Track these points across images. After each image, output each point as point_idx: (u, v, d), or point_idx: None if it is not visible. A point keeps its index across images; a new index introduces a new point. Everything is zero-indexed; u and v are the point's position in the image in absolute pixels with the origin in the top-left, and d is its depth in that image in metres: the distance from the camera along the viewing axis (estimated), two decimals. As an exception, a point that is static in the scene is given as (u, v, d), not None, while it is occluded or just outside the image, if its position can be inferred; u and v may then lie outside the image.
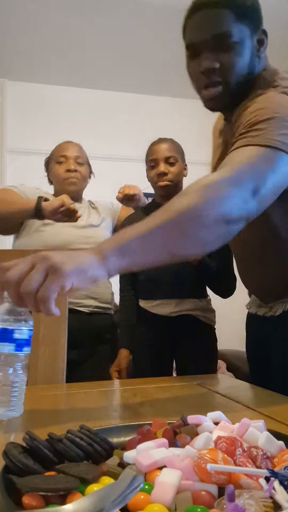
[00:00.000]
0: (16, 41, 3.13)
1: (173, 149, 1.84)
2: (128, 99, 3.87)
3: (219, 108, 1.12)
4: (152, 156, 1.82)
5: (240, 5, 0.96)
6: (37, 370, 1.01)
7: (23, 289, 0.62)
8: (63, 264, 0.64)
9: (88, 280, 0.68)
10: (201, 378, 1.10)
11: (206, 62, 0.99)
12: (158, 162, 1.79)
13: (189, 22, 1.07)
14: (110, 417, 0.69)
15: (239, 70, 0.99)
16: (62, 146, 1.97)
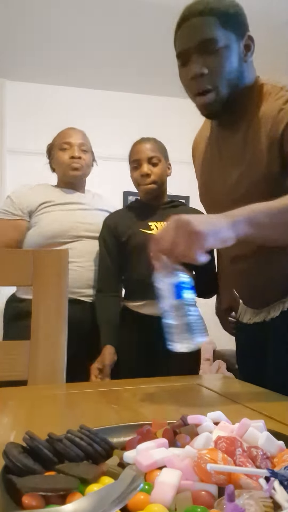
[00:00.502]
0: (16, 41, 3.13)
1: (156, 149, 1.81)
2: (128, 99, 3.87)
3: (215, 115, 1.12)
4: (135, 157, 1.79)
5: (224, 12, 1.02)
6: (37, 370, 1.01)
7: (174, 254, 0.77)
8: (200, 226, 0.75)
9: (219, 240, 0.78)
10: (201, 378, 1.10)
11: (194, 67, 1.02)
12: (141, 162, 1.76)
13: (178, 32, 1.09)
14: (110, 417, 0.69)
15: (228, 75, 1.02)
16: (65, 132, 1.89)
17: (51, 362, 1.03)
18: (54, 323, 1.05)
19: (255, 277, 1.21)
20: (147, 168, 1.74)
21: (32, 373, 1.01)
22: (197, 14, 1.04)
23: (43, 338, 1.03)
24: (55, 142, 1.88)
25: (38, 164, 3.89)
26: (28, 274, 1.06)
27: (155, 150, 1.80)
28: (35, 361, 1.02)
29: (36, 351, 1.02)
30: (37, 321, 1.04)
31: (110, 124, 3.83)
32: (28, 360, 1.02)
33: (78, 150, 1.82)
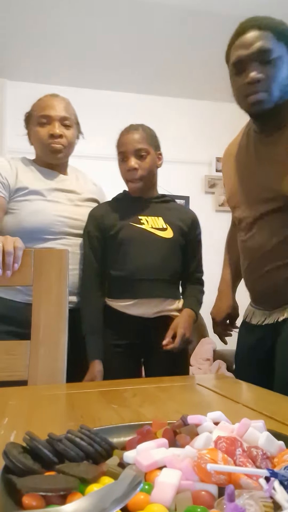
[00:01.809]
0: (16, 41, 3.13)
1: (144, 140, 1.63)
2: (128, 99, 3.87)
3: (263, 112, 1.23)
4: (121, 149, 1.63)
5: (277, 28, 1.20)
6: (37, 370, 1.01)
7: None
8: None
9: None
10: (201, 378, 1.10)
11: (253, 73, 1.16)
12: (127, 155, 1.61)
13: (236, 42, 1.24)
14: (110, 417, 0.69)
15: (280, 81, 1.16)
16: (45, 102, 1.57)
17: (51, 362, 1.03)
18: (54, 323, 1.05)
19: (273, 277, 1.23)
20: (134, 162, 1.59)
21: (32, 373, 1.01)
22: (255, 28, 1.21)
23: (43, 338, 1.03)
24: (33, 112, 1.59)
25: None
26: (28, 274, 1.06)
27: (142, 141, 1.62)
28: (35, 361, 1.02)
29: (36, 351, 1.02)
30: (37, 321, 1.04)
31: (110, 124, 3.83)
32: (28, 360, 1.02)
33: (59, 126, 1.55)
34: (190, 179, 3.96)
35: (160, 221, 1.64)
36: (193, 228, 1.74)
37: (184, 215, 1.73)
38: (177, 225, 1.67)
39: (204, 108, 3.99)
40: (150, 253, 1.58)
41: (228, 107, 4.06)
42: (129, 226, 1.61)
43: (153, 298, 1.59)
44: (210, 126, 3.99)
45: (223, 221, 4.26)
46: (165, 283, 1.62)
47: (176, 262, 1.66)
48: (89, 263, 1.62)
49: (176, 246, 1.65)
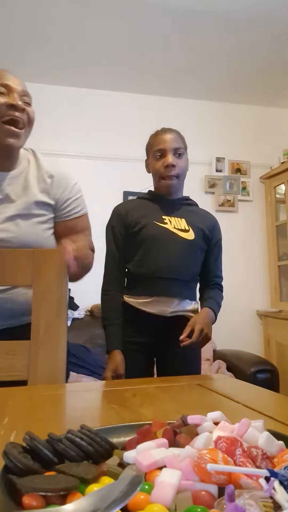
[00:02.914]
0: (16, 41, 3.13)
1: (180, 141, 1.70)
2: (128, 99, 3.87)
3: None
4: (159, 146, 1.66)
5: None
6: (37, 370, 1.01)
7: None
8: None
9: None
10: (201, 378, 1.10)
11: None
12: (165, 153, 1.65)
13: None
14: (110, 417, 0.69)
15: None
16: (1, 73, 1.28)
17: (51, 362, 1.03)
18: (54, 323, 1.05)
19: None
20: (173, 159, 1.64)
21: (32, 373, 1.01)
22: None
23: (43, 338, 1.03)
24: None
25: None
26: (28, 274, 1.06)
27: (180, 142, 1.68)
28: (35, 361, 1.02)
29: (36, 351, 1.02)
30: (37, 321, 1.04)
31: (110, 124, 3.83)
32: (28, 360, 1.02)
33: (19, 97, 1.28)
34: (190, 179, 3.93)
35: (183, 222, 1.68)
36: (214, 233, 1.76)
37: (206, 219, 1.77)
38: (199, 227, 1.70)
39: (204, 108, 3.99)
40: (170, 252, 1.60)
41: (228, 107, 4.07)
42: (153, 224, 1.64)
43: (170, 297, 1.61)
44: (210, 126, 3.98)
45: (223, 221, 4.26)
46: (183, 284, 1.64)
47: (196, 263, 1.68)
48: (112, 257, 1.67)
49: (196, 248, 1.67)
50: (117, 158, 3.80)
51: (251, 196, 3.99)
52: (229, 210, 3.95)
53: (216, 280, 1.78)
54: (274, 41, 3.10)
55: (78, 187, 1.36)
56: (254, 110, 4.09)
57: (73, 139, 3.73)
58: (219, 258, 1.79)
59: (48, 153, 3.85)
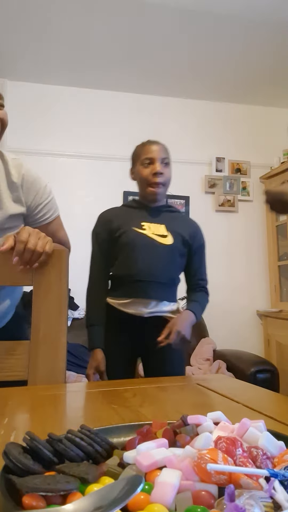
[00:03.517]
0: (16, 41, 3.13)
1: (166, 152, 1.81)
2: (128, 99, 3.87)
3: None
4: (148, 155, 1.76)
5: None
6: (37, 370, 1.01)
7: None
8: None
9: None
10: (201, 378, 1.10)
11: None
12: (154, 161, 1.75)
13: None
14: (110, 417, 0.69)
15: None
16: None
17: (51, 362, 1.03)
18: (54, 323, 1.05)
19: None
20: (161, 167, 1.74)
21: (32, 373, 1.01)
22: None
23: (43, 338, 1.03)
24: None
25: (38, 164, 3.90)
26: (28, 274, 1.06)
27: (166, 153, 1.80)
28: (35, 361, 1.02)
29: (36, 351, 1.02)
30: (37, 321, 1.04)
31: (110, 124, 3.83)
32: (28, 360, 1.02)
33: None
34: (190, 179, 3.95)
35: (162, 228, 1.76)
36: (196, 239, 1.84)
37: (187, 225, 1.85)
38: (179, 233, 1.77)
39: (204, 108, 3.99)
40: (148, 257, 1.70)
41: (228, 107, 4.07)
42: (131, 231, 1.73)
43: (147, 299, 1.70)
44: (210, 126, 3.98)
45: (223, 221, 4.27)
46: (160, 286, 1.73)
47: (174, 267, 1.77)
48: (96, 261, 1.79)
49: (174, 253, 1.75)
50: (117, 158, 3.80)
51: (251, 196, 3.99)
52: (229, 210, 3.95)
53: (200, 283, 1.86)
54: (274, 41, 3.10)
55: (49, 189, 1.31)
56: (254, 110, 4.09)
57: (73, 139, 3.73)
58: (203, 262, 1.88)
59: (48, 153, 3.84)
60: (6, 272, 1.06)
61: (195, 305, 1.78)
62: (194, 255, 1.83)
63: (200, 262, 1.86)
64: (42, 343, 1.03)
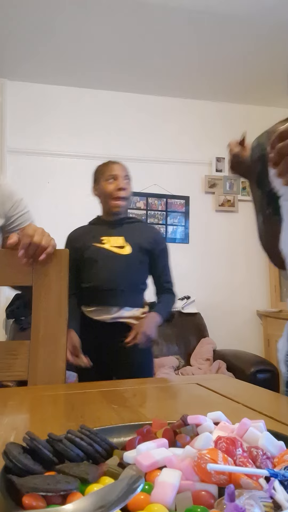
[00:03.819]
0: (16, 41, 3.13)
1: (127, 170, 2.01)
2: (128, 99, 3.87)
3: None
4: (112, 172, 1.97)
5: None
6: (37, 370, 1.01)
7: None
8: None
9: None
10: (201, 378, 1.10)
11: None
12: (118, 178, 1.95)
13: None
14: (110, 417, 0.69)
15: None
16: None
17: (51, 362, 1.03)
18: (54, 323, 1.05)
19: None
20: (124, 183, 1.94)
21: (32, 373, 1.01)
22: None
23: (43, 338, 1.03)
24: None
25: (38, 164, 3.91)
26: (28, 274, 1.06)
27: (127, 171, 2.01)
28: (35, 361, 1.02)
29: (36, 351, 1.02)
30: (37, 321, 1.04)
31: (110, 124, 3.83)
32: (28, 360, 1.02)
33: None
34: (190, 179, 3.95)
35: (120, 240, 1.94)
36: (155, 245, 2.00)
37: (146, 233, 2.01)
38: (137, 243, 1.94)
39: (204, 108, 3.99)
40: (107, 268, 1.88)
41: (228, 107, 4.07)
42: (92, 247, 1.93)
43: (109, 306, 1.88)
44: (210, 126, 3.98)
45: (223, 221, 4.27)
46: (121, 293, 1.90)
47: (133, 274, 1.93)
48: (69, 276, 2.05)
49: (133, 261, 1.91)
50: (117, 158, 3.80)
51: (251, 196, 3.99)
52: (229, 210, 3.95)
53: (165, 285, 2.01)
54: (275, 41, 3.10)
55: (24, 203, 1.36)
56: (254, 110, 4.09)
57: (73, 139, 3.73)
58: (167, 265, 2.03)
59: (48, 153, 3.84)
60: (6, 272, 1.06)
61: (160, 307, 1.94)
62: (157, 260, 1.98)
63: (164, 266, 2.02)
64: (42, 343, 1.03)
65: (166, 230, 3.87)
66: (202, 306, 3.70)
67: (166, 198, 3.89)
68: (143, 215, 3.84)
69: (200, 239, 3.86)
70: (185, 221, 3.90)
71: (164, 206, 3.89)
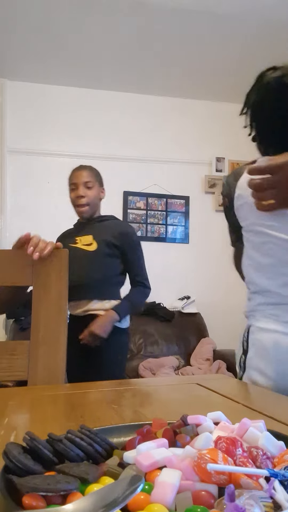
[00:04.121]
0: (16, 41, 3.13)
1: (91, 176, 2.12)
2: (128, 99, 3.87)
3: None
4: (73, 181, 2.11)
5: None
6: (37, 370, 1.01)
7: None
8: None
9: None
10: (201, 378, 1.10)
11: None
12: (77, 186, 2.08)
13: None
14: (110, 417, 0.69)
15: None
16: None
17: (51, 362, 1.03)
18: (54, 323, 1.05)
19: None
20: (83, 191, 2.07)
21: (32, 373, 1.01)
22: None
23: (43, 338, 1.03)
24: None
25: (38, 164, 3.91)
26: (28, 274, 1.06)
27: (90, 177, 2.12)
28: (35, 361, 1.02)
29: (36, 351, 1.02)
30: (37, 321, 1.04)
31: (110, 124, 3.83)
32: (28, 360, 1.02)
33: None
34: (190, 179, 3.95)
35: (89, 238, 2.08)
36: (123, 239, 2.09)
37: (114, 229, 2.12)
38: (103, 239, 2.06)
39: (204, 108, 3.99)
40: (78, 265, 1.92)
41: (228, 107, 4.07)
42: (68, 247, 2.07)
43: (78, 300, 2.02)
44: (210, 126, 3.98)
45: (223, 221, 4.26)
46: (91, 287, 2.01)
47: (100, 269, 2.03)
48: None
49: (99, 256, 2.03)
50: (117, 158, 3.80)
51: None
52: (229, 210, 3.95)
53: (136, 278, 2.12)
54: (274, 41, 3.09)
55: None
56: (254, 110, 4.09)
57: (73, 139, 3.73)
58: (137, 259, 2.12)
59: (48, 153, 3.84)
60: (6, 272, 1.06)
61: (120, 304, 2.03)
62: (127, 255, 2.08)
63: (133, 259, 2.11)
64: (42, 343, 1.03)
65: (166, 230, 3.88)
66: (202, 306, 3.70)
67: (166, 198, 3.89)
68: (143, 215, 3.84)
69: (200, 239, 3.85)
70: (185, 221, 3.90)
71: (164, 206, 3.89)
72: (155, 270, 3.87)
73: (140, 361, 3.20)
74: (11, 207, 3.64)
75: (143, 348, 3.44)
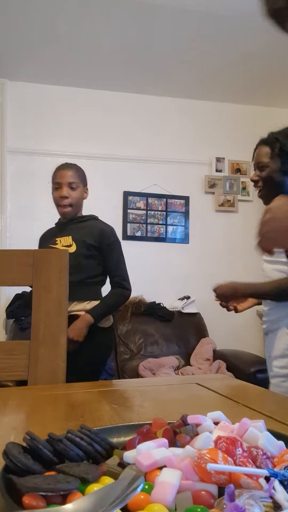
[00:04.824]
0: (16, 41, 3.13)
1: (76, 176, 2.09)
2: (128, 99, 3.87)
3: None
4: (57, 180, 2.08)
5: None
6: (37, 370, 1.01)
7: None
8: None
9: None
10: (201, 378, 1.10)
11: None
12: (61, 186, 2.06)
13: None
14: (110, 417, 0.69)
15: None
16: None
17: (51, 362, 1.03)
18: (54, 323, 1.05)
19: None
20: (66, 192, 2.05)
21: (32, 373, 1.01)
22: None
23: (43, 338, 1.03)
24: None
25: (38, 164, 3.91)
26: (28, 274, 1.06)
27: (75, 177, 2.08)
28: (35, 361, 1.02)
29: (36, 351, 1.02)
30: (37, 321, 1.04)
31: (110, 124, 3.83)
32: (28, 360, 1.02)
33: None
34: (190, 179, 3.95)
35: (69, 239, 2.07)
36: (100, 240, 2.09)
37: (92, 230, 2.14)
38: (82, 240, 2.05)
39: (204, 108, 3.99)
40: None
41: (228, 107, 4.07)
42: (48, 247, 2.07)
43: None
44: (210, 126, 3.98)
45: (223, 221, 4.26)
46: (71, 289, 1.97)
47: (80, 270, 2.01)
48: None
49: (78, 258, 2.01)
50: (117, 158, 3.80)
51: (251, 196, 3.99)
52: (229, 210, 3.95)
53: (114, 279, 2.11)
54: (274, 41, 3.09)
55: None
56: (254, 110, 4.09)
57: (73, 139, 3.73)
58: (115, 260, 2.10)
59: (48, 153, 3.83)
60: (6, 272, 1.06)
61: (95, 307, 2.03)
62: (105, 255, 2.08)
63: (111, 260, 2.10)
64: (42, 343, 1.03)
65: (166, 230, 3.88)
66: (202, 306, 3.70)
67: (166, 198, 3.89)
68: (143, 215, 3.84)
69: (200, 239, 3.86)
70: (185, 221, 3.90)
71: (164, 206, 3.89)
72: (155, 270, 3.87)
73: (140, 361, 3.20)
74: (11, 207, 3.64)
75: (143, 348, 3.44)
